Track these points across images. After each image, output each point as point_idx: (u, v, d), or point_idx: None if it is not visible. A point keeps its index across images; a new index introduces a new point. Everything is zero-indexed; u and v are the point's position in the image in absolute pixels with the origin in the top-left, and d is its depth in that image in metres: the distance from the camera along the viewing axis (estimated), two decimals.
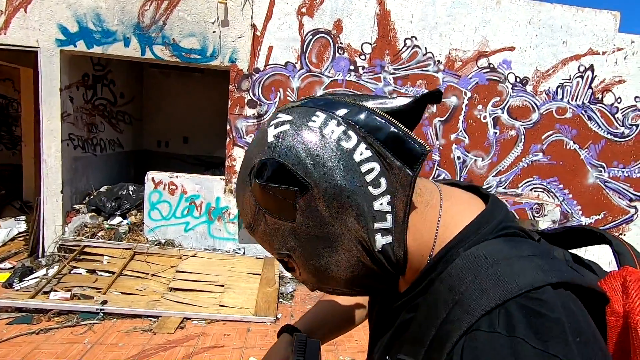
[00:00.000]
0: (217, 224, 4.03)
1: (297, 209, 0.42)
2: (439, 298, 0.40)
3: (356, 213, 0.41)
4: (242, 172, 0.46)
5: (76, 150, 4.19)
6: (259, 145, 0.44)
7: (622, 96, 4.20)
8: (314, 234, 0.43)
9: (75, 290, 3.14)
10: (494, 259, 0.39)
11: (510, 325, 0.33)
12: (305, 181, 0.40)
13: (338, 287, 0.48)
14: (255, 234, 0.47)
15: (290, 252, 0.45)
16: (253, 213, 0.45)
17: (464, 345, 0.35)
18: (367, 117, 0.42)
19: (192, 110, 6.74)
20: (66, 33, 3.69)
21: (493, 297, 0.35)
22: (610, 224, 4.43)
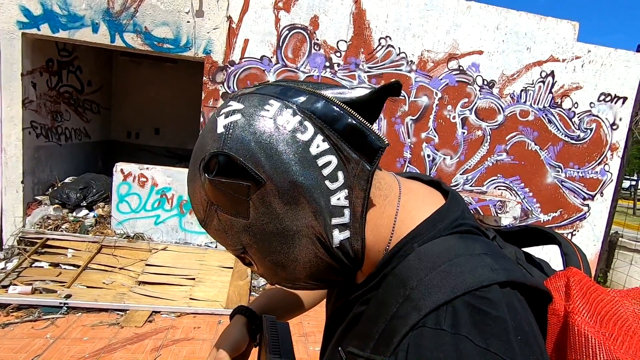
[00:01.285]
0: (189, 217, 3.98)
1: (250, 205, 0.40)
2: (390, 293, 0.40)
3: (313, 208, 0.40)
4: (192, 165, 0.43)
5: (39, 139, 4.01)
6: (208, 136, 0.41)
7: (579, 101, 4.49)
8: (269, 230, 0.41)
9: (36, 284, 3.03)
10: (445, 256, 0.39)
11: (455, 322, 0.34)
12: (258, 176, 0.38)
13: (297, 283, 0.47)
14: (209, 229, 0.45)
15: (246, 248, 0.44)
16: (205, 208, 0.43)
17: (409, 341, 0.35)
18: (325, 107, 0.40)
19: (164, 101, 6.56)
20: (29, 15, 3.51)
21: (441, 294, 0.36)
22: (565, 221, 4.73)
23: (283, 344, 0.59)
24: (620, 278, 4.83)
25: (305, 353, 2.61)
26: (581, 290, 0.42)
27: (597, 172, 4.68)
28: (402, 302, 0.38)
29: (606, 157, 4.66)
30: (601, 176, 4.70)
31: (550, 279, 0.45)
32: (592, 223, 4.79)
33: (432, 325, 0.34)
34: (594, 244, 4.86)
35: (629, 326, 0.39)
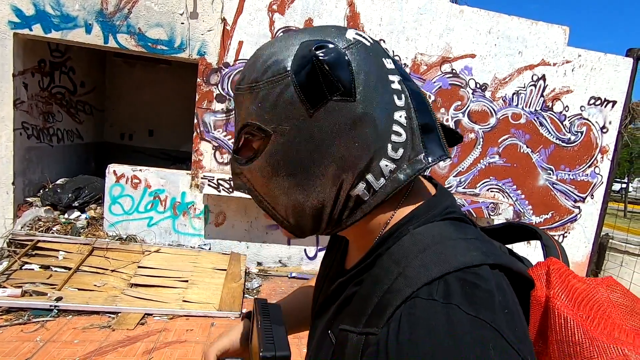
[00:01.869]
0: (182, 219, 3.96)
1: (324, 106, 0.40)
2: (384, 271, 0.41)
3: (367, 144, 0.42)
4: (292, 36, 0.43)
5: (30, 140, 3.97)
6: (331, 31, 0.43)
7: (570, 105, 4.55)
8: (316, 136, 0.41)
9: (27, 286, 2.99)
10: (439, 238, 0.41)
11: (447, 294, 0.35)
12: (353, 91, 0.40)
13: (278, 209, 0.47)
14: (251, 92, 0.43)
15: (275, 134, 0.42)
16: (274, 71, 0.42)
17: (402, 311, 0.36)
18: (417, 93, 0.46)
19: (158, 103, 6.54)
20: (21, 15, 3.48)
21: (434, 271, 0.37)
22: (557, 223, 4.79)
23: (275, 329, 0.58)
24: None
25: (299, 355, 2.61)
26: (560, 277, 0.45)
27: (587, 175, 4.74)
28: (395, 278, 0.39)
29: (596, 159, 4.73)
30: (592, 178, 4.76)
31: (532, 268, 0.48)
32: (583, 225, 4.84)
33: (425, 296, 0.36)
34: (585, 246, 4.91)
35: (604, 310, 0.43)
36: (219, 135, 3.89)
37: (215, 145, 3.91)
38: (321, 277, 0.63)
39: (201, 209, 3.97)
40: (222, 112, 3.86)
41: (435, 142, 0.45)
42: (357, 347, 0.40)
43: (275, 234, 4.17)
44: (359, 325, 0.41)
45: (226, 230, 4.05)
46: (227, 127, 3.90)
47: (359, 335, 0.40)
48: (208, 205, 3.97)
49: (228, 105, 3.87)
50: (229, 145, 3.93)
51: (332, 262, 0.61)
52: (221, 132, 3.89)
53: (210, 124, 3.87)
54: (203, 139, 3.88)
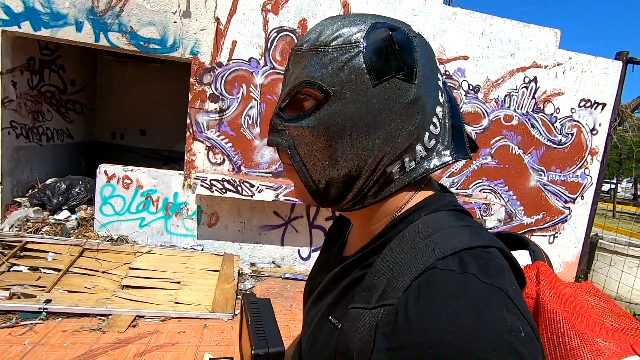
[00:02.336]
0: (175, 220, 3.93)
1: (388, 81, 0.43)
2: (396, 250, 0.44)
3: (417, 124, 0.46)
4: (359, 18, 0.45)
5: (19, 139, 3.90)
6: (393, 19, 0.47)
7: (560, 107, 4.61)
8: (373, 108, 0.44)
9: (15, 288, 2.93)
10: (450, 223, 0.44)
11: (462, 265, 0.38)
12: (415, 74, 0.44)
13: (313, 171, 0.47)
14: (317, 53, 0.45)
15: (335, 96, 0.44)
16: (344, 39, 0.44)
17: (420, 281, 0.38)
18: (451, 96, 0.52)
19: (150, 102, 6.47)
20: (9, 12, 3.42)
21: (447, 248, 0.40)
22: (548, 223, 4.84)
23: (267, 324, 0.57)
24: (600, 279, 4.96)
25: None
26: (548, 279, 0.50)
27: (578, 176, 4.80)
28: (408, 255, 0.42)
29: (586, 161, 4.79)
30: (582, 180, 4.83)
31: (523, 269, 0.52)
32: (573, 225, 4.91)
33: (442, 267, 0.38)
34: (575, 246, 4.98)
35: (586, 309, 0.48)
36: (212, 136, 3.87)
37: (208, 145, 3.88)
38: (316, 271, 0.64)
39: (194, 210, 3.94)
40: (215, 112, 3.84)
41: (461, 142, 0.50)
42: (371, 322, 0.41)
43: (268, 234, 4.15)
44: (371, 301, 0.42)
45: (219, 231, 4.03)
46: (220, 127, 3.87)
47: (372, 310, 0.41)
48: (201, 205, 3.94)
49: (221, 105, 3.84)
50: (222, 145, 3.90)
51: (329, 255, 0.63)
52: (214, 132, 3.87)
53: (203, 124, 3.84)
54: (196, 139, 3.85)
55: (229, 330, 2.88)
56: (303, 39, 0.47)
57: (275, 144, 0.49)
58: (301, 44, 0.47)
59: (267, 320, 0.57)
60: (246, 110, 3.89)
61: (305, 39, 0.47)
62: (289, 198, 3.83)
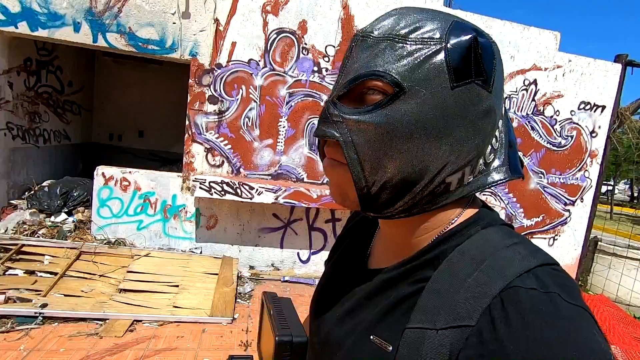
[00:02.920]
0: (173, 222, 3.89)
1: (466, 85, 0.41)
2: (459, 267, 0.41)
3: (486, 133, 0.44)
4: (440, 18, 0.43)
5: (15, 140, 3.86)
6: (467, 21, 0.45)
7: (560, 109, 4.61)
8: (448, 111, 0.41)
9: (10, 292, 2.89)
10: (510, 240, 0.43)
11: (543, 284, 0.37)
12: (492, 82, 0.43)
13: (368, 171, 0.43)
14: (393, 43, 0.42)
15: (409, 92, 0.41)
16: (426, 33, 0.41)
17: (501, 300, 0.36)
18: (507, 111, 0.51)
19: (148, 103, 6.43)
20: (6, 12, 3.38)
21: (521, 265, 0.39)
22: (547, 226, 4.84)
23: (289, 317, 0.55)
24: (600, 281, 4.96)
25: None
26: None
27: (577, 178, 4.80)
28: (478, 272, 0.40)
29: (586, 163, 4.79)
30: (581, 182, 4.82)
31: None
32: (573, 228, 4.90)
33: (523, 285, 0.37)
34: (575, 249, 4.98)
35: (609, 320, 0.57)
36: (211, 137, 3.83)
37: (207, 147, 3.84)
38: (333, 281, 0.60)
39: (192, 212, 3.90)
40: (214, 113, 3.81)
41: (515, 159, 0.48)
42: (442, 344, 0.38)
43: (267, 237, 4.12)
44: (437, 322, 0.39)
45: (218, 233, 3.99)
46: (219, 129, 3.84)
47: (441, 331, 0.39)
48: (199, 208, 3.91)
49: (220, 107, 3.81)
50: (221, 147, 3.87)
51: (348, 265, 0.59)
52: (213, 134, 3.84)
53: (202, 125, 3.81)
54: (195, 140, 3.82)
55: (228, 335, 2.85)
56: (372, 25, 0.44)
57: (329, 136, 0.44)
58: (371, 30, 0.44)
59: (289, 314, 0.56)
60: (245, 112, 3.86)
61: (376, 25, 0.43)
62: (288, 200, 3.80)
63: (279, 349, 0.50)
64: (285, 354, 0.50)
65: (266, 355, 0.54)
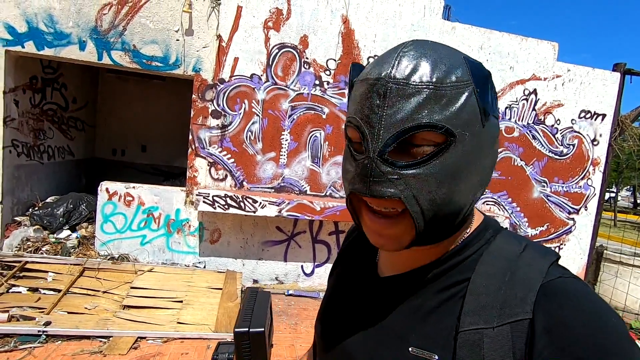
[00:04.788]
0: (177, 237, 3.88)
1: (489, 119, 0.45)
2: (497, 268, 0.46)
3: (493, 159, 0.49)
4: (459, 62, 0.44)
5: (20, 157, 3.88)
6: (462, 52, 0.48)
7: (561, 118, 4.63)
8: (483, 147, 0.46)
9: (13, 310, 2.87)
10: (525, 242, 0.49)
11: (563, 272, 0.44)
12: (497, 109, 0.49)
13: (427, 214, 0.44)
14: (436, 91, 0.41)
15: (459, 138, 0.43)
16: (458, 76, 0.43)
17: (545, 293, 0.42)
18: None
19: (151, 118, 6.48)
20: (13, 33, 3.45)
21: (546, 260, 0.45)
22: (552, 235, 4.81)
23: (258, 309, 0.60)
24: (607, 290, 4.89)
25: None
26: None
27: (580, 187, 4.79)
28: (514, 271, 0.44)
29: (589, 171, 4.79)
30: (585, 190, 4.81)
31: None
32: (577, 237, 4.87)
33: (553, 277, 0.43)
34: (581, 257, 4.93)
35: None
36: (214, 151, 3.86)
37: (210, 161, 3.86)
38: (343, 294, 0.60)
39: (196, 226, 3.90)
40: (217, 128, 3.84)
41: None
42: (502, 339, 0.41)
43: (271, 250, 4.10)
44: (492, 320, 0.42)
45: (221, 247, 3.98)
46: (223, 143, 3.87)
47: (498, 328, 0.41)
48: (203, 222, 3.90)
49: (223, 121, 3.84)
50: (224, 161, 3.89)
51: (357, 275, 0.59)
52: (216, 148, 3.86)
53: (206, 140, 3.84)
54: (198, 155, 3.84)
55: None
56: (402, 71, 0.42)
57: (390, 196, 0.42)
58: (405, 76, 0.41)
59: (259, 307, 0.61)
60: (248, 126, 3.89)
61: (407, 71, 0.41)
62: (291, 213, 3.80)
63: (236, 338, 0.56)
64: (244, 343, 0.56)
65: None
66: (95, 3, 3.54)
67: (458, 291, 0.46)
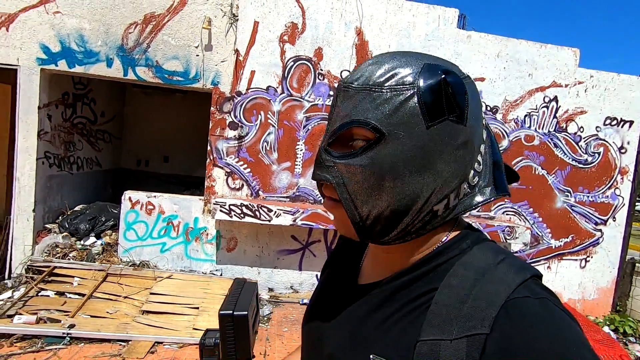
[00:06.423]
0: (195, 245, 3.99)
1: (441, 123, 0.45)
2: (466, 280, 0.45)
3: (465, 162, 0.48)
4: (414, 58, 0.47)
5: (51, 168, 4.12)
6: (441, 59, 0.48)
7: (585, 126, 4.48)
8: (426, 149, 0.45)
9: (41, 313, 3.03)
10: (502, 255, 0.47)
11: (534, 292, 0.42)
12: (466, 116, 0.46)
13: (361, 208, 0.47)
14: (370, 93, 0.45)
15: (389, 137, 0.45)
16: (398, 81, 0.45)
17: (507, 310, 0.41)
18: (491, 132, 0.55)
19: (173, 130, 6.74)
20: (48, 52, 3.71)
21: (518, 277, 0.44)
22: (578, 247, 4.61)
23: (243, 296, 0.63)
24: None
25: None
26: None
27: (607, 197, 4.59)
28: (481, 285, 0.44)
29: (616, 181, 4.58)
30: (612, 200, 4.60)
31: None
32: (606, 249, 4.65)
33: (519, 295, 0.42)
34: (610, 271, 4.70)
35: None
36: (231, 162, 3.97)
37: (227, 171, 3.97)
38: (324, 299, 0.61)
39: (213, 235, 4.00)
40: (234, 138, 3.95)
41: (501, 178, 0.52)
42: (457, 352, 0.41)
43: (286, 259, 4.14)
44: (451, 332, 0.42)
45: (237, 255, 4.05)
46: (239, 154, 3.98)
47: (455, 340, 0.41)
48: (220, 230, 4.00)
49: (240, 132, 3.96)
50: (240, 171, 3.99)
51: (339, 282, 0.61)
52: (233, 158, 3.97)
53: (223, 150, 3.96)
54: (216, 165, 3.96)
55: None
56: (353, 76, 0.48)
57: (323, 179, 0.49)
58: (351, 81, 0.47)
59: (244, 295, 0.63)
60: (264, 137, 3.99)
61: (356, 76, 0.47)
62: (306, 222, 3.83)
63: (220, 320, 0.59)
64: (227, 325, 0.59)
65: None
66: (122, 22, 3.76)
67: (425, 301, 0.46)
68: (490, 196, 0.50)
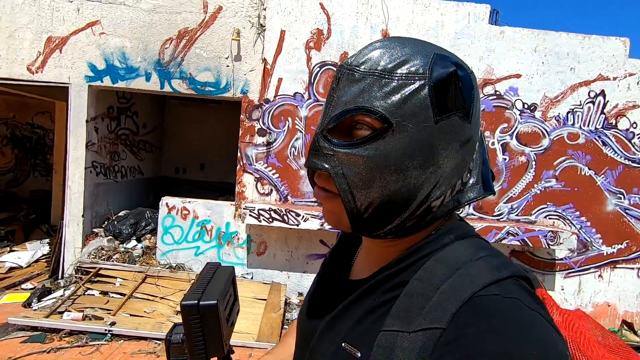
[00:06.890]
0: (227, 249, 4.11)
1: (449, 118, 0.43)
2: (434, 273, 0.43)
3: (463, 157, 0.46)
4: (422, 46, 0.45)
5: (98, 176, 4.46)
6: (447, 51, 0.46)
7: (638, 121, 4.09)
8: (432, 143, 0.43)
9: (87, 311, 3.26)
10: (483, 252, 0.45)
11: (507, 291, 0.40)
12: (471, 112, 0.45)
13: (359, 199, 0.45)
14: (380, 79, 0.43)
15: (397, 127, 0.43)
16: (410, 69, 0.43)
17: (469, 307, 0.38)
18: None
19: (209, 138, 7.05)
20: (94, 70, 4.03)
21: (493, 275, 0.41)
22: (634, 254, 4.19)
23: (214, 283, 0.54)
24: None
25: None
26: (555, 306, 0.53)
27: None
28: (451, 280, 0.42)
29: None
30: None
31: None
32: None
33: (488, 293, 0.39)
34: None
35: (586, 333, 0.51)
36: (260, 167, 4.07)
37: (256, 177, 4.07)
38: (318, 294, 0.61)
39: (244, 239, 4.10)
40: (263, 145, 4.05)
41: (488, 176, 0.50)
42: (413, 345, 0.40)
43: (315, 263, 4.15)
44: (410, 325, 0.41)
45: (267, 259, 4.12)
46: (268, 159, 4.06)
47: (413, 333, 0.40)
48: (250, 234, 4.10)
49: (268, 139, 4.05)
50: (269, 176, 4.08)
51: (334, 277, 0.61)
52: (262, 164, 4.06)
53: (252, 156, 4.06)
54: (245, 171, 4.08)
55: None
56: (358, 59, 0.45)
57: (320, 168, 0.46)
58: (357, 64, 0.44)
59: (215, 282, 0.55)
60: (292, 142, 4.05)
61: (361, 59, 0.44)
62: None
63: (183, 313, 0.50)
64: (192, 317, 0.50)
65: None
66: (158, 39, 4.01)
67: (398, 294, 0.45)
68: (479, 194, 0.49)
